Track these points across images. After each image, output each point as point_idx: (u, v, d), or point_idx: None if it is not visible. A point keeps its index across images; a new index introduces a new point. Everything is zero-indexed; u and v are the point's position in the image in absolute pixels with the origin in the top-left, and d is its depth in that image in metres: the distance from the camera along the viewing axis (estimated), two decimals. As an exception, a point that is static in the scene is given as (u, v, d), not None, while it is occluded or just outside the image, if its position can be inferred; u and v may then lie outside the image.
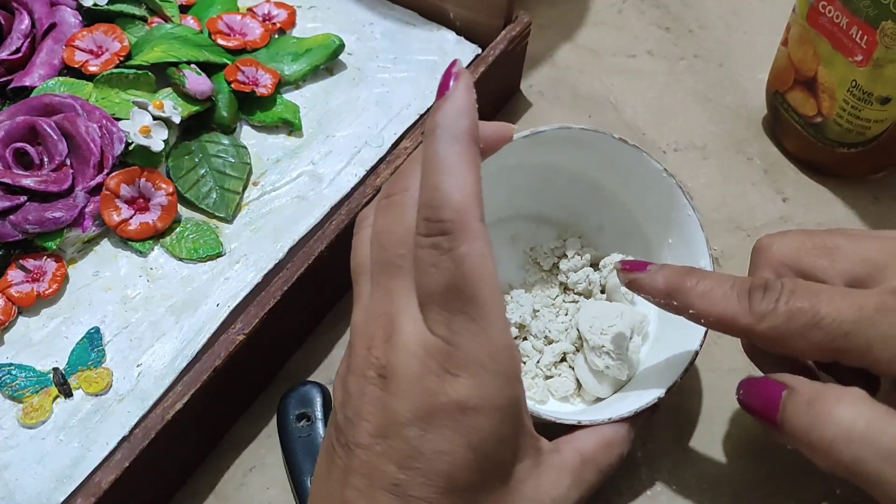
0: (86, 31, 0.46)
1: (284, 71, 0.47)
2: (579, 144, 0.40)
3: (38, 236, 0.40)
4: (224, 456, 0.41)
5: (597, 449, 0.34)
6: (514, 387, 0.29)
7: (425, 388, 0.27)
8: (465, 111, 0.29)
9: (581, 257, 0.42)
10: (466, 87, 0.29)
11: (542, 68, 0.55)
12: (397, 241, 0.29)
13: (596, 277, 0.42)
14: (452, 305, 0.27)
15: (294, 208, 0.43)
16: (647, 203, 0.41)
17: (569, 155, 0.41)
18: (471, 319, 0.27)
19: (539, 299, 0.42)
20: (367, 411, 0.28)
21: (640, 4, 0.59)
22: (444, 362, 0.27)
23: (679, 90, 0.54)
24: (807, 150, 0.49)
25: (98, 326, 0.39)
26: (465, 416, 0.27)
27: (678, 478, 0.40)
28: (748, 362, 0.43)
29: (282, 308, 0.39)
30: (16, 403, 0.37)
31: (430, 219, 0.28)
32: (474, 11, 0.49)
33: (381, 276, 0.30)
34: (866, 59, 0.42)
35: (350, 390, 0.29)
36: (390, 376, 0.28)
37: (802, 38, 0.46)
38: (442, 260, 0.27)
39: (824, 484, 0.39)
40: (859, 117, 0.45)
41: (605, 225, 0.43)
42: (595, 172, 0.42)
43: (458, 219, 0.27)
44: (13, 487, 0.35)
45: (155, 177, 0.42)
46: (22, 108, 0.43)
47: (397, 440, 0.27)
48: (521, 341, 0.40)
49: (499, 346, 0.28)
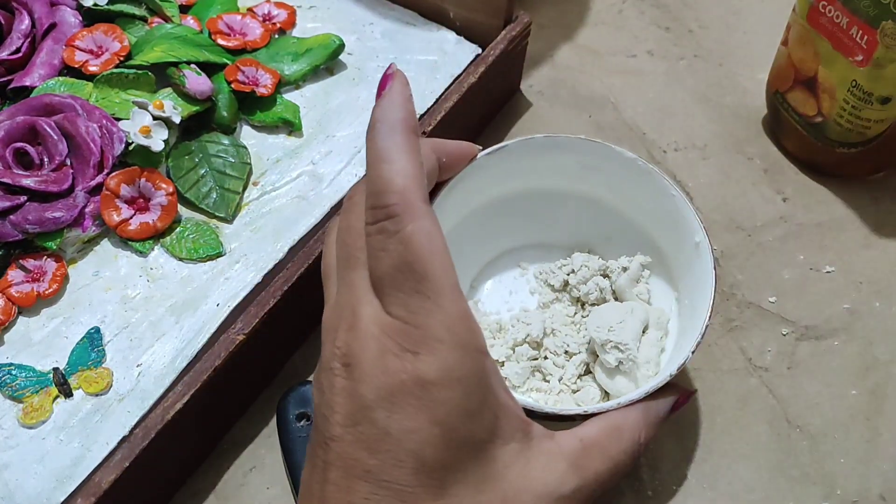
0: (86, 31, 0.46)
1: (284, 71, 0.47)
2: (565, 151, 0.41)
3: (38, 236, 0.40)
4: (224, 456, 0.41)
5: (600, 434, 0.33)
6: (476, 358, 0.28)
7: (386, 369, 0.27)
8: (400, 105, 0.30)
9: (588, 268, 0.42)
10: (401, 84, 0.31)
11: (542, 68, 0.55)
12: (356, 235, 0.30)
13: (606, 284, 0.41)
14: (406, 285, 0.28)
15: (294, 208, 0.43)
16: (639, 199, 0.41)
17: (561, 171, 0.42)
18: (425, 297, 0.28)
19: (556, 318, 0.41)
20: (337, 402, 0.28)
21: (640, 4, 0.59)
22: (403, 341, 0.28)
23: (679, 90, 0.54)
24: (807, 150, 0.49)
25: (98, 326, 0.39)
26: (426, 391, 0.27)
27: (678, 478, 0.40)
28: (748, 363, 0.43)
29: (282, 308, 0.39)
30: (16, 403, 0.37)
31: (375, 206, 0.29)
32: (474, 11, 0.49)
33: (344, 272, 0.30)
34: (866, 59, 0.42)
35: (322, 387, 0.29)
36: (353, 363, 0.28)
37: (803, 37, 0.46)
38: (390, 243, 0.28)
39: (824, 484, 0.39)
40: (859, 117, 0.45)
41: (613, 235, 0.43)
42: (593, 187, 0.42)
43: (401, 201, 0.28)
44: (13, 487, 0.35)
45: (155, 177, 0.42)
46: (22, 108, 0.43)
47: (366, 425, 0.28)
48: (541, 360, 0.40)
49: (453, 318, 0.28)
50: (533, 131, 0.52)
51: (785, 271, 0.46)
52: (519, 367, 0.39)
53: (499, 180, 0.41)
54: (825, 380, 0.42)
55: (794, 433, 0.41)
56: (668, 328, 0.40)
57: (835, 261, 0.46)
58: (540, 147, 0.40)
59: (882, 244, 0.47)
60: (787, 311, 0.45)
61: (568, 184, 0.42)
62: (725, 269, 0.46)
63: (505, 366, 0.39)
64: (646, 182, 0.40)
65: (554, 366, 0.40)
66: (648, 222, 0.41)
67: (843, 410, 0.41)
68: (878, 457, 0.40)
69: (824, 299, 0.45)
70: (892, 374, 0.43)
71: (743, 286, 0.45)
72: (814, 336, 0.44)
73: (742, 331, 0.44)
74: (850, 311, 0.45)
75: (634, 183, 0.40)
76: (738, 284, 0.46)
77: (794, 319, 0.44)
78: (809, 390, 0.42)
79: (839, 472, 0.40)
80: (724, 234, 0.47)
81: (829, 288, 0.45)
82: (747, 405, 0.42)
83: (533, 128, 0.52)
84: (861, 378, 0.42)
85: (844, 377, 0.42)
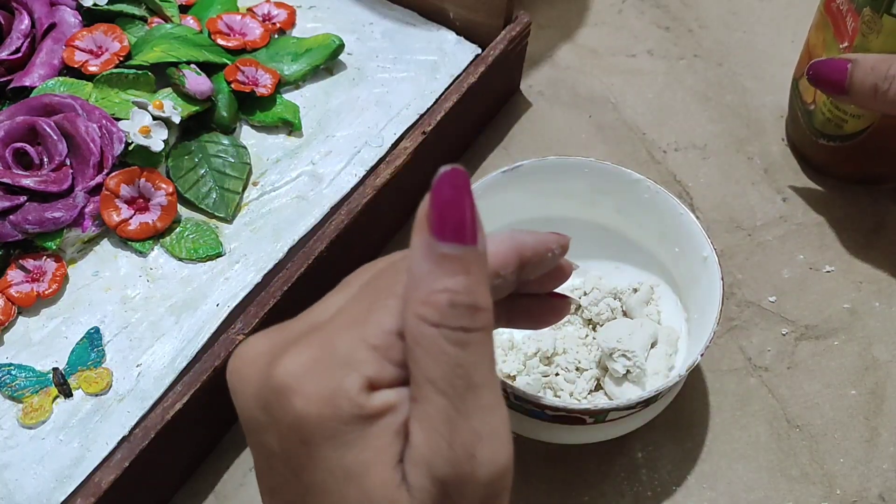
0: (86, 31, 0.46)
1: (284, 71, 0.47)
2: (577, 176, 0.41)
3: (38, 236, 0.40)
4: (224, 456, 0.41)
5: None
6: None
7: None
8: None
9: (599, 290, 0.42)
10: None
11: (542, 68, 0.55)
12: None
13: (617, 305, 0.42)
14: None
15: (294, 208, 0.43)
16: (648, 220, 0.41)
17: (572, 196, 0.42)
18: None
19: (568, 339, 0.41)
20: None
21: (640, 4, 0.58)
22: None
23: (679, 90, 0.54)
24: (801, 139, 0.50)
25: (98, 326, 0.39)
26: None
27: (678, 478, 0.40)
28: (748, 362, 0.43)
29: (282, 308, 0.39)
30: (16, 403, 0.37)
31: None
32: (474, 11, 0.49)
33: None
34: (849, 47, 0.42)
35: None
36: None
37: (818, 24, 0.46)
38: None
39: (824, 484, 0.39)
40: (838, 108, 0.45)
41: (623, 260, 0.44)
42: (603, 212, 0.43)
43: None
44: (13, 487, 0.35)
45: (155, 177, 0.42)
46: (22, 108, 0.43)
47: None
48: (553, 377, 0.40)
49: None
50: (533, 131, 0.52)
51: (785, 271, 0.46)
52: (531, 379, 0.39)
53: (511, 208, 0.42)
54: (825, 380, 0.42)
55: (794, 433, 0.41)
56: (678, 346, 0.40)
57: (835, 260, 0.46)
58: (553, 168, 0.41)
59: (882, 244, 0.47)
60: (786, 310, 0.45)
61: (578, 210, 0.43)
62: (725, 268, 0.46)
63: (517, 379, 0.39)
64: (654, 203, 0.40)
65: (565, 381, 0.40)
66: (657, 243, 0.42)
67: (842, 410, 0.41)
68: (877, 457, 0.40)
69: (824, 299, 0.45)
70: (891, 374, 0.42)
71: (743, 286, 0.45)
72: (814, 336, 0.44)
73: (742, 330, 0.44)
74: (850, 310, 0.45)
75: (643, 204, 0.41)
76: (737, 284, 0.46)
77: (794, 319, 0.44)
78: (809, 390, 0.42)
79: (839, 472, 0.40)
80: (724, 234, 0.47)
81: (829, 288, 0.45)
82: (747, 405, 0.42)
83: (533, 128, 0.52)
84: (861, 378, 0.42)
85: (844, 377, 0.42)
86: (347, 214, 0.41)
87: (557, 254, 0.29)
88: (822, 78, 0.42)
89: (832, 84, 0.41)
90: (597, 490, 0.39)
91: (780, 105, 0.52)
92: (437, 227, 0.22)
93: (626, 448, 0.40)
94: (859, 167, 0.48)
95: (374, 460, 0.22)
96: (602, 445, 0.39)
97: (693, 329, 0.40)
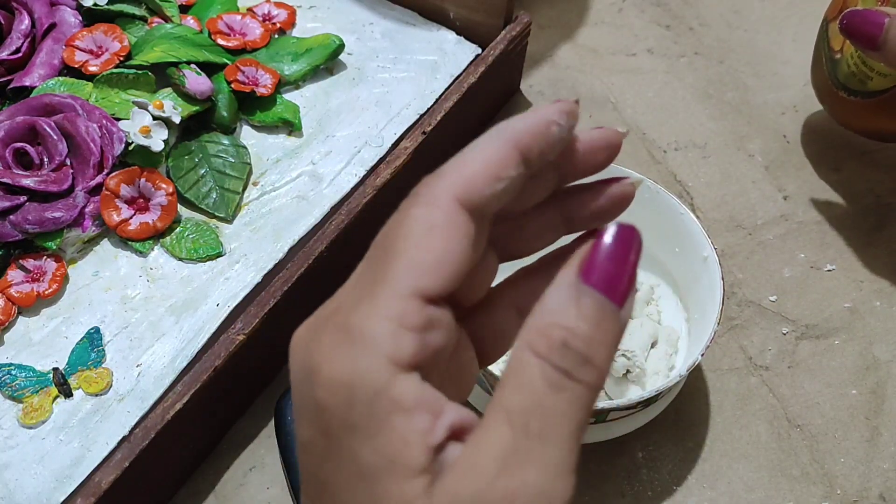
0: (86, 31, 0.46)
1: (284, 71, 0.47)
2: None
3: (38, 236, 0.40)
4: (224, 456, 0.41)
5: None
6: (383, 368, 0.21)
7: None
8: None
9: None
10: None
11: (542, 68, 0.55)
12: None
13: None
14: None
15: (294, 208, 0.43)
16: (648, 221, 0.41)
17: None
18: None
19: None
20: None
21: (641, 3, 0.58)
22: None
23: (679, 88, 0.54)
24: (821, 87, 0.48)
25: (98, 326, 0.39)
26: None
27: (679, 477, 0.40)
28: (749, 362, 0.43)
29: (282, 308, 0.39)
30: (16, 403, 0.37)
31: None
32: (474, 11, 0.49)
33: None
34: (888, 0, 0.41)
35: None
36: None
37: None
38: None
39: (824, 484, 0.39)
40: (865, 63, 0.43)
41: None
42: None
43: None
44: (13, 487, 0.35)
45: (155, 177, 0.42)
46: (22, 108, 0.43)
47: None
48: None
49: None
50: (533, 130, 0.52)
51: (785, 270, 0.46)
52: None
53: None
54: (825, 379, 0.42)
55: (795, 432, 0.41)
56: (679, 346, 0.40)
57: (836, 259, 0.46)
58: None
59: (883, 243, 0.47)
60: (787, 309, 0.45)
61: None
62: (726, 267, 0.46)
63: None
64: (654, 203, 0.40)
65: None
66: (657, 245, 0.42)
67: (843, 410, 0.41)
68: (877, 456, 0.40)
69: (825, 298, 0.45)
70: (892, 374, 0.42)
71: (743, 285, 0.45)
72: (814, 335, 0.44)
73: (742, 330, 0.44)
74: (850, 309, 0.45)
75: (643, 205, 0.40)
76: (738, 283, 0.45)
77: (795, 318, 0.44)
78: (810, 389, 0.42)
79: (839, 472, 0.40)
80: (725, 233, 0.47)
81: (829, 287, 0.45)
82: (747, 404, 0.42)
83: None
84: (861, 377, 0.42)
85: (845, 376, 0.42)
86: (347, 214, 0.41)
87: (564, 124, 0.24)
88: (855, 29, 0.40)
89: (866, 38, 0.39)
90: (597, 490, 0.39)
91: (782, 102, 0.52)
92: (587, 272, 0.21)
93: (627, 448, 0.40)
94: (876, 124, 0.47)
95: (396, 456, 0.20)
96: (602, 445, 0.39)
97: (693, 329, 0.40)
